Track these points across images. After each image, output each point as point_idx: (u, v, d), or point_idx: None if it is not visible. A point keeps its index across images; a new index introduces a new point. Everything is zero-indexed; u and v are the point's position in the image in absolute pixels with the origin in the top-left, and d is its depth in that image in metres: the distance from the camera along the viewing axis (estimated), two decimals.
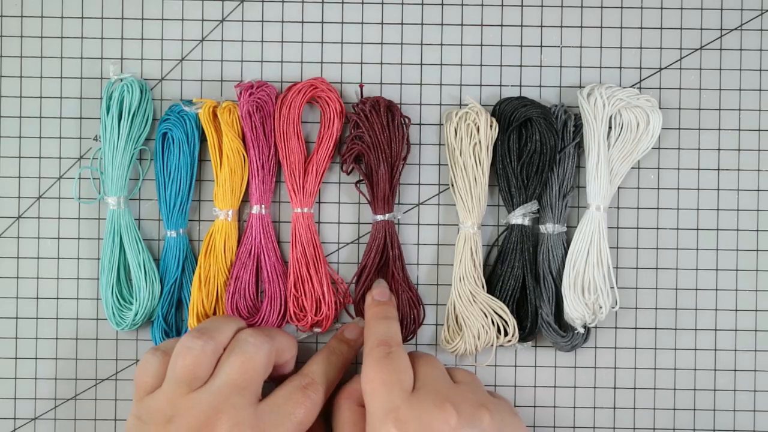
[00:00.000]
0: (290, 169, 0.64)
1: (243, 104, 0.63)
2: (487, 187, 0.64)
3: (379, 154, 0.64)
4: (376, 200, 0.64)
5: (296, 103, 0.64)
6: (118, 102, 0.64)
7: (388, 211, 0.65)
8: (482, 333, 0.63)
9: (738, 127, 0.66)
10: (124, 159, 0.64)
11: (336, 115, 0.65)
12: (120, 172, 0.64)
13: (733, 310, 0.66)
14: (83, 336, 0.66)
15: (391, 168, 0.64)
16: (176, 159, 0.64)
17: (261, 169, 0.64)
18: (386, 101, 0.64)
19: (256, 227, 0.64)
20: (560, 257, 0.65)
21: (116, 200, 0.64)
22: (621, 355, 0.66)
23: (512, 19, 0.67)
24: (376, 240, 0.64)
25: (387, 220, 0.64)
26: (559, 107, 0.65)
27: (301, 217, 0.64)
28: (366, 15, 0.67)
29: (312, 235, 0.64)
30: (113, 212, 0.64)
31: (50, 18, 0.67)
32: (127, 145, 0.64)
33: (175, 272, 0.65)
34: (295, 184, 0.64)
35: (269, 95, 0.64)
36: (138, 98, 0.64)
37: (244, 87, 0.64)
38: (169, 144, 0.65)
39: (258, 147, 0.64)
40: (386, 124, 0.64)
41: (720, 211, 0.66)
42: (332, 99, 0.65)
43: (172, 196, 0.64)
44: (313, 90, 0.65)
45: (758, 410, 0.66)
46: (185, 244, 0.65)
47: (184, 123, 0.64)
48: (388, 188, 0.64)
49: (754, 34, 0.67)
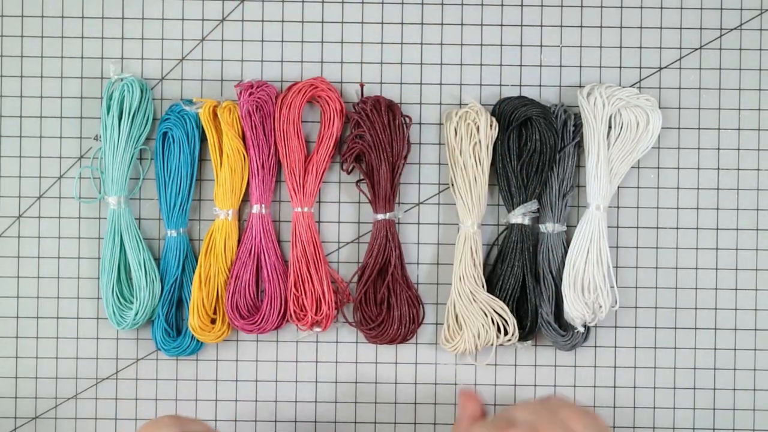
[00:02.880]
0: (290, 168, 0.64)
1: (243, 104, 0.63)
2: (487, 187, 0.64)
3: (381, 153, 0.64)
4: (378, 199, 0.64)
5: (296, 103, 0.64)
6: (118, 102, 0.64)
7: (389, 210, 0.65)
8: (482, 332, 0.63)
9: (738, 127, 0.66)
10: (124, 159, 0.64)
11: (336, 115, 0.65)
12: (120, 172, 0.64)
13: (732, 309, 0.66)
14: (84, 335, 0.66)
15: (392, 167, 0.64)
16: (176, 158, 0.64)
17: (261, 168, 0.64)
18: (387, 100, 0.64)
19: (257, 227, 0.64)
20: (560, 256, 0.65)
21: (117, 200, 0.64)
22: (621, 354, 0.66)
23: (512, 19, 0.67)
24: (378, 239, 0.64)
25: (388, 219, 0.64)
26: (559, 107, 0.65)
27: (302, 216, 0.64)
28: (366, 15, 0.67)
29: (312, 234, 0.65)
30: (114, 212, 0.64)
31: (50, 18, 0.67)
32: (128, 144, 0.64)
33: (175, 271, 0.65)
34: (296, 184, 0.64)
35: (269, 95, 0.64)
36: (138, 98, 0.64)
37: (244, 87, 0.64)
38: (169, 143, 0.65)
39: (258, 147, 0.64)
40: (387, 123, 0.64)
41: (720, 210, 0.66)
42: (332, 98, 0.65)
43: (172, 195, 0.64)
44: (313, 90, 0.65)
45: (758, 409, 0.66)
46: (185, 244, 0.65)
47: (185, 123, 0.64)
48: (389, 187, 0.64)
49: (754, 33, 0.67)
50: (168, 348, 0.64)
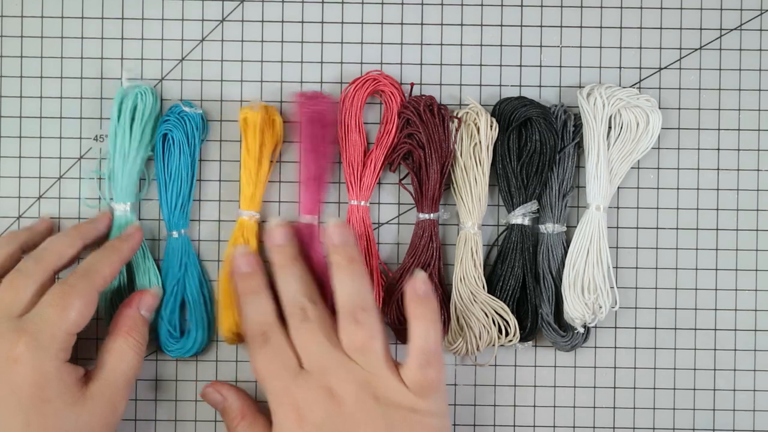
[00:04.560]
0: (349, 161, 0.64)
1: (300, 114, 0.63)
2: (487, 188, 0.64)
3: (433, 153, 0.63)
4: (425, 199, 0.64)
5: (359, 96, 0.64)
6: (130, 109, 0.64)
7: (434, 210, 0.64)
8: (483, 333, 0.63)
9: (738, 127, 0.66)
10: (134, 166, 0.64)
11: (397, 109, 0.65)
12: (129, 180, 0.64)
13: (732, 310, 0.66)
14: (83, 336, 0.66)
15: (441, 167, 0.64)
16: (177, 160, 0.64)
17: (313, 179, 0.64)
18: (436, 101, 0.65)
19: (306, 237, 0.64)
20: (560, 257, 0.65)
21: (124, 207, 0.64)
22: (621, 354, 0.66)
23: (512, 19, 0.67)
24: (422, 239, 0.64)
25: (432, 219, 0.64)
26: (558, 107, 0.65)
27: (356, 209, 0.64)
28: (366, 15, 0.67)
29: (366, 228, 0.64)
30: (120, 218, 0.64)
31: (50, 18, 0.67)
32: (138, 152, 0.64)
33: (177, 273, 0.65)
34: (353, 177, 0.64)
35: (325, 105, 0.64)
36: (151, 106, 0.64)
37: (301, 96, 0.64)
38: (169, 145, 0.65)
39: (312, 157, 0.63)
40: (440, 123, 0.64)
41: (720, 210, 0.66)
42: (395, 94, 0.65)
43: (173, 196, 0.64)
44: (375, 84, 0.65)
45: (758, 410, 0.66)
46: (187, 244, 0.65)
47: (185, 124, 0.64)
48: (437, 187, 0.64)
49: (754, 34, 0.67)
50: (172, 349, 0.64)
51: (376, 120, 0.67)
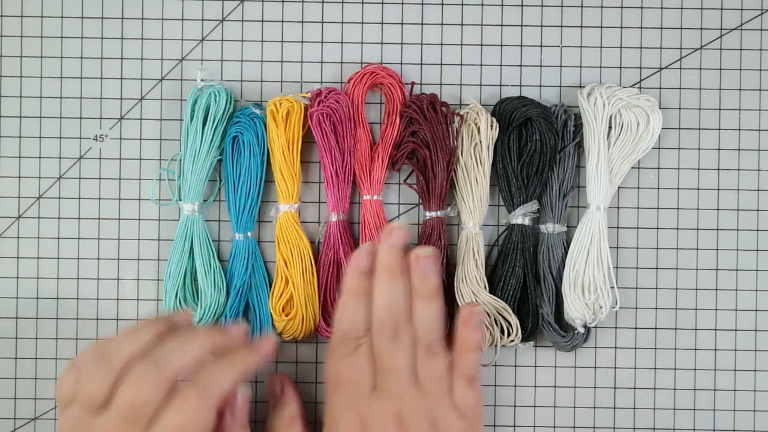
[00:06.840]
0: (357, 156, 0.64)
1: (314, 112, 0.63)
2: (488, 188, 0.64)
3: (438, 151, 0.63)
4: (431, 197, 0.64)
5: (358, 92, 0.65)
6: (203, 109, 0.64)
7: (441, 208, 0.64)
8: (486, 333, 0.63)
9: (738, 127, 0.66)
10: (204, 166, 0.64)
11: (399, 101, 0.65)
12: (199, 178, 0.64)
13: (733, 310, 0.66)
14: (83, 336, 0.66)
15: (447, 164, 0.64)
16: (246, 161, 0.64)
17: (335, 176, 0.64)
18: (438, 98, 0.65)
19: (335, 235, 0.64)
20: (560, 257, 0.65)
21: (192, 206, 0.64)
22: (621, 354, 0.66)
23: (512, 19, 0.67)
24: (429, 237, 0.64)
25: (439, 216, 0.64)
26: (559, 107, 0.65)
27: (369, 204, 0.64)
28: (366, 15, 0.67)
29: (381, 221, 0.65)
30: (188, 218, 0.64)
31: (50, 18, 0.66)
32: (209, 152, 0.64)
33: (243, 276, 0.64)
34: (363, 172, 0.64)
35: (339, 102, 0.64)
36: (224, 107, 0.64)
37: (314, 94, 0.64)
38: (239, 146, 0.64)
39: (331, 154, 0.64)
40: (442, 120, 0.64)
41: (720, 210, 0.66)
42: (394, 85, 0.65)
43: (242, 198, 0.64)
44: (374, 77, 0.65)
45: (758, 410, 0.66)
46: (254, 247, 0.65)
47: (254, 125, 0.64)
48: (444, 185, 0.64)
49: (754, 34, 0.67)
50: None
51: (376, 120, 0.67)
